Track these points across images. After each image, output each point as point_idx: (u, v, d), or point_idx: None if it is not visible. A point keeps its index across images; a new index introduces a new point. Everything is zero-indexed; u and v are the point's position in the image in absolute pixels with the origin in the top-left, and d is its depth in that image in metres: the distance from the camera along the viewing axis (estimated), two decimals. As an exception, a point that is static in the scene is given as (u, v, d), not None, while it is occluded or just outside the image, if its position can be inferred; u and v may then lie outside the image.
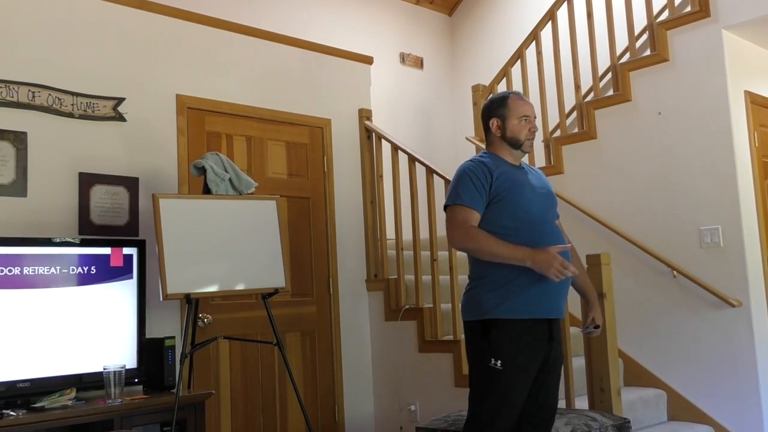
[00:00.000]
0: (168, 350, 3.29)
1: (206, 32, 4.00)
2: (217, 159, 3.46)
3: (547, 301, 2.54)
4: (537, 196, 2.65)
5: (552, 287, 2.52)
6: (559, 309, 2.61)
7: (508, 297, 2.51)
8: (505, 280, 2.52)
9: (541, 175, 2.82)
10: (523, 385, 2.51)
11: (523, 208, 2.58)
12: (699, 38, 4.23)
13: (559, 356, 2.68)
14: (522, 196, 2.60)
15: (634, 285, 4.31)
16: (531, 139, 2.69)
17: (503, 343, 2.49)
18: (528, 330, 2.51)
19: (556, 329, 2.62)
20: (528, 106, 2.71)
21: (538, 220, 2.60)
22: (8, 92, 3.25)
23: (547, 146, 4.96)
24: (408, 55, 6.32)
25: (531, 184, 2.68)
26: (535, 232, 2.56)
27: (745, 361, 3.92)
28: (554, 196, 2.78)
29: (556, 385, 2.65)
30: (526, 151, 2.73)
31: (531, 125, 2.68)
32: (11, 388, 2.92)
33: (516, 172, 2.68)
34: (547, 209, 2.68)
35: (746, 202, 4.07)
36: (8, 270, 2.97)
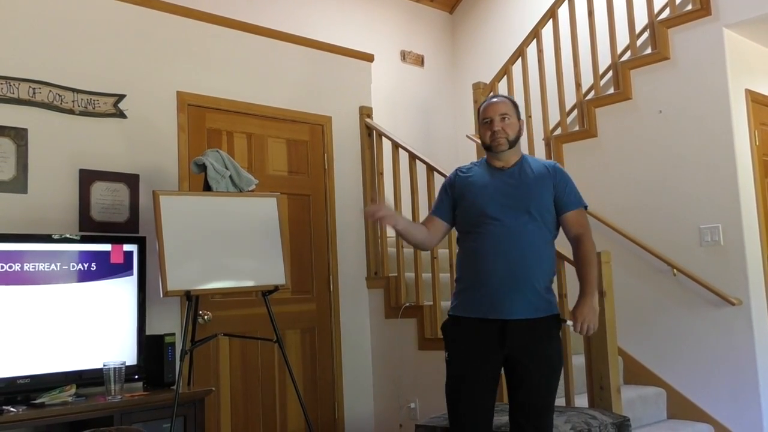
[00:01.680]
0: (168, 347, 3.29)
1: (207, 29, 4.00)
2: (217, 156, 3.46)
3: (490, 302, 2.60)
4: (500, 197, 2.67)
5: (493, 288, 2.60)
6: (507, 311, 2.58)
7: (459, 296, 2.72)
8: (461, 279, 2.74)
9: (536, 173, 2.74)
10: (471, 379, 2.62)
11: (477, 212, 2.69)
12: (700, 36, 4.23)
13: (540, 356, 2.61)
14: (476, 200, 2.71)
15: (634, 283, 4.31)
16: (496, 140, 2.71)
17: (450, 338, 2.71)
18: (472, 328, 2.63)
19: (516, 330, 2.58)
20: (491, 109, 2.75)
21: (493, 222, 2.64)
22: (9, 88, 3.25)
23: (548, 144, 4.96)
24: (409, 52, 6.31)
25: (498, 186, 2.70)
26: (489, 233, 2.64)
27: (745, 359, 3.92)
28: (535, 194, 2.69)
29: (539, 383, 2.60)
30: (498, 151, 2.73)
31: (492, 126, 2.71)
32: (11, 384, 2.92)
33: (490, 176, 2.74)
34: (511, 209, 2.65)
35: (746, 201, 4.07)
36: (8, 266, 2.97)
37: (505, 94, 2.85)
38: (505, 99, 2.82)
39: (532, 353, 2.60)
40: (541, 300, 2.63)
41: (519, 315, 2.59)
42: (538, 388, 2.61)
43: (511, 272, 2.59)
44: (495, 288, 2.60)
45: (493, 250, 2.62)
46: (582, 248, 2.74)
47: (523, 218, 2.64)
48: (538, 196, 2.69)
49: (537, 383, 2.60)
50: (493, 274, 2.61)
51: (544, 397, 2.62)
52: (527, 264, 2.61)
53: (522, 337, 2.58)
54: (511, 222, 2.63)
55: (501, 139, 2.70)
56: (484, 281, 2.62)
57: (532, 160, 2.83)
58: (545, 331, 2.65)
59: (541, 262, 2.65)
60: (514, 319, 2.58)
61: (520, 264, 2.60)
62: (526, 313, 2.60)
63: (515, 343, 2.58)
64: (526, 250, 2.61)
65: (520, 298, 2.59)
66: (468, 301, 2.67)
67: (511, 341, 2.58)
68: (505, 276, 2.59)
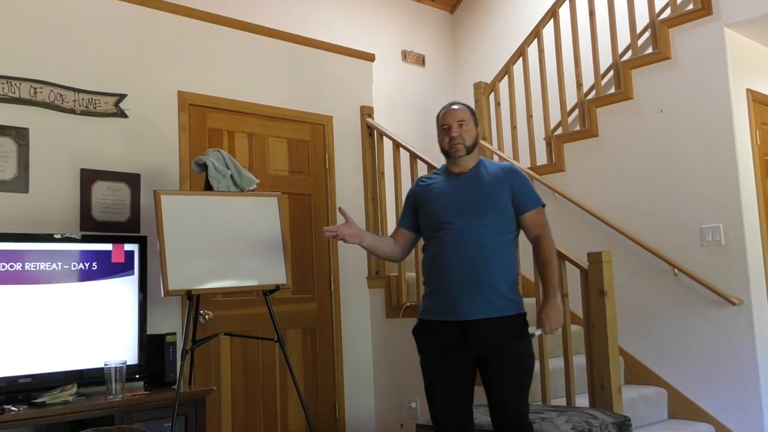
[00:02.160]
0: (169, 346, 3.29)
1: (208, 29, 4.00)
2: (218, 155, 3.46)
3: (450, 305, 2.65)
4: (455, 202, 2.74)
5: (452, 290, 2.65)
6: (466, 312, 2.61)
7: (424, 300, 2.79)
8: (425, 284, 2.81)
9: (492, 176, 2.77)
10: (440, 379, 2.68)
11: (435, 218, 2.76)
12: (701, 36, 4.22)
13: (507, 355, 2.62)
14: (434, 207, 2.78)
15: (635, 283, 4.31)
16: (453, 147, 2.77)
17: (419, 341, 2.77)
18: (434, 330, 2.70)
19: (479, 330, 2.60)
20: (449, 116, 2.81)
21: (450, 227, 2.70)
22: (10, 88, 3.25)
23: (549, 144, 4.96)
24: (410, 52, 6.31)
25: (454, 192, 2.76)
26: (447, 238, 2.70)
27: (746, 359, 3.92)
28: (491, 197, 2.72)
29: (509, 382, 2.62)
30: (455, 157, 2.79)
31: (450, 132, 2.78)
32: (12, 384, 2.92)
33: (448, 182, 2.81)
34: (467, 213, 2.69)
35: (748, 201, 4.07)
36: (10, 266, 2.97)
37: (464, 102, 2.89)
38: (464, 106, 2.86)
39: (499, 352, 2.62)
40: (503, 300, 2.65)
41: (479, 315, 2.62)
42: (509, 386, 2.63)
43: (468, 274, 2.64)
44: (454, 290, 2.65)
45: (450, 253, 2.68)
46: (541, 249, 2.76)
47: (480, 221, 2.68)
48: (494, 197, 2.74)
49: (507, 382, 2.62)
50: (452, 277, 2.66)
51: (516, 395, 2.63)
52: (484, 265, 2.64)
53: (486, 336, 2.61)
54: (467, 225, 2.68)
55: (458, 145, 2.77)
56: (444, 284, 2.68)
57: (489, 163, 2.87)
58: (511, 330, 2.65)
59: (500, 263, 2.67)
60: (475, 320, 2.62)
61: (477, 266, 2.64)
62: (486, 312, 2.62)
63: (480, 343, 2.62)
64: (482, 252, 2.65)
65: (480, 299, 2.62)
66: (432, 305, 2.73)
67: (474, 341, 2.62)
68: (464, 278, 2.64)
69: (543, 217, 2.81)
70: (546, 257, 2.75)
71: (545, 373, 3.53)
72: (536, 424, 2.84)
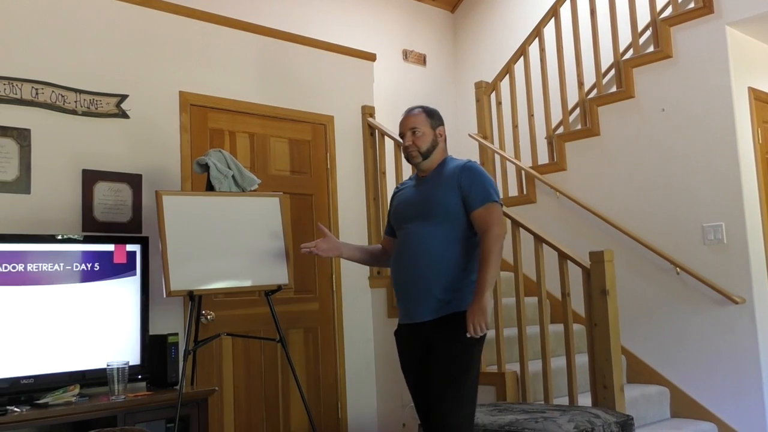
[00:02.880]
0: (171, 347, 3.29)
1: (209, 29, 4.00)
2: (220, 156, 3.46)
3: (404, 307, 2.77)
4: (409, 206, 2.81)
5: (403, 294, 2.76)
6: (414, 314, 2.70)
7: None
8: None
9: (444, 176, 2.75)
10: (413, 380, 2.76)
11: (396, 224, 2.86)
12: (702, 34, 4.22)
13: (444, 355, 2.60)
14: (395, 213, 2.88)
15: (637, 282, 4.30)
16: (408, 154, 2.82)
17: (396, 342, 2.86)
18: (401, 334, 2.82)
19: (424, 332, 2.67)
20: (403, 123, 2.84)
21: (402, 230, 2.80)
22: (12, 89, 3.25)
23: (550, 143, 4.96)
24: (411, 51, 6.31)
25: (410, 195, 2.84)
26: (399, 243, 2.81)
27: (749, 357, 3.91)
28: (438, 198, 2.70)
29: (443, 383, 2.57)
30: (413, 163, 2.84)
31: (404, 141, 2.82)
32: (15, 384, 2.92)
33: (412, 185, 2.88)
34: (417, 215, 2.74)
35: (750, 199, 4.06)
36: (12, 267, 2.97)
37: (421, 105, 2.87)
38: (420, 110, 2.84)
39: (437, 353, 2.64)
40: (441, 303, 2.65)
41: (424, 317, 2.68)
42: (442, 387, 2.57)
43: (411, 278, 2.71)
44: (402, 294, 2.77)
45: (399, 258, 2.78)
46: (480, 246, 2.65)
47: (427, 225, 2.71)
48: (441, 199, 2.71)
49: (437, 384, 2.58)
50: (401, 281, 2.76)
51: (444, 398, 2.55)
52: (425, 269, 2.67)
53: (428, 338, 2.66)
54: (414, 230, 2.74)
55: (413, 152, 2.80)
56: (397, 289, 2.80)
57: (450, 162, 2.82)
58: (450, 330, 2.61)
59: (445, 265, 2.65)
60: (423, 322, 2.68)
61: (418, 269, 2.68)
62: (429, 314, 2.67)
63: (424, 344, 2.68)
64: (423, 257, 2.68)
65: (422, 301, 2.68)
66: (399, 308, 2.83)
67: (420, 342, 2.69)
68: (407, 282, 2.73)
69: (492, 213, 2.66)
70: (482, 254, 2.62)
71: (548, 372, 3.53)
72: (539, 424, 2.84)
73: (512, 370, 3.68)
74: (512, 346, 3.83)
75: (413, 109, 2.86)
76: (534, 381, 3.65)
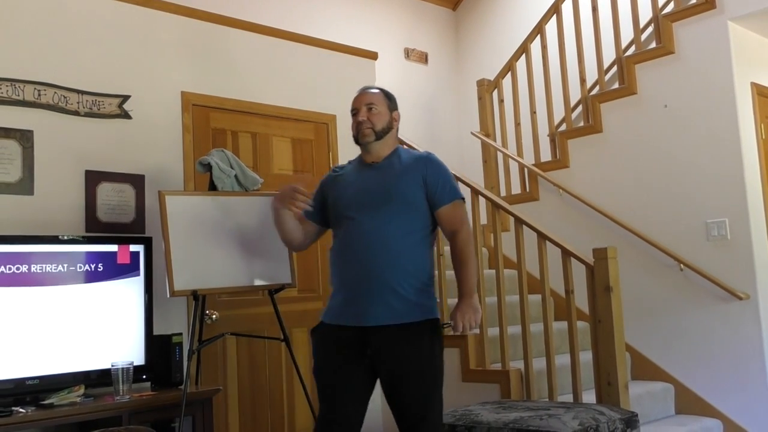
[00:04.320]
0: (175, 347, 3.30)
1: (210, 29, 4.00)
2: (222, 155, 3.46)
3: (348, 308, 2.47)
4: (362, 194, 2.54)
5: (351, 293, 2.47)
6: (364, 317, 2.43)
7: (329, 301, 2.60)
8: (331, 283, 2.61)
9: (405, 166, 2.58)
10: (332, 387, 2.49)
11: (339, 212, 2.58)
12: (705, 30, 4.21)
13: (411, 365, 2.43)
14: (340, 199, 2.60)
15: (640, 279, 4.30)
16: (360, 131, 2.60)
17: (314, 345, 2.59)
18: (331, 335, 2.52)
19: (379, 338, 2.42)
20: (357, 100, 2.67)
21: (351, 222, 2.51)
22: (14, 91, 3.26)
23: (553, 140, 4.96)
24: (412, 50, 6.31)
25: (362, 183, 2.57)
26: (347, 235, 2.52)
27: (753, 353, 3.91)
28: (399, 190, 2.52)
29: (413, 393, 2.44)
30: (364, 143, 2.61)
31: (357, 116, 2.61)
32: (20, 385, 2.93)
33: (357, 172, 2.64)
34: (372, 207, 2.50)
35: (753, 195, 4.06)
36: (16, 268, 2.98)
37: (380, 87, 2.74)
38: (379, 91, 2.69)
39: (401, 361, 2.43)
40: (407, 304, 2.44)
41: (377, 321, 2.42)
42: (412, 397, 2.44)
43: (366, 276, 2.43)
44: (352, 293, 2.47)
45: (350, 252, 2.49)
46: (456, 246, 2.53)
47: (384, 216, 2.47)
48: (402, 190, 2.51)
49: (411, 393, 2.44)
50: (349, 278, 2.48)
51: (421, 407, 2.44)
52: (385, 266, 2.43)
53: (386, 344, 2.42)
54: (368, 221, 2.47)
55: (366, 129, 2.58)
56: (342, 286, 2.51)
57: (404, 152, 2.65)
58: (416, 338, 2.44)
59: (404, 263, 2.45)
60: (375, 326, 2.42)
61: (377, 266, 2.43)
62: (384, 319, 2.42)
63: (379, 351, 2.43)
64: (384, 252, 2.43)
65: (379, 303, 2.42)
66: (331, 307, 2.55)
67: (373, 349, 2.43)
68: (361, 280, 2.44)
69: (460, 211, 2.57)
70: (461, 255, 2.52)
71: (552, 369, 3.53)
72: (543, 421, 2.84)
73: (516, 368, 3.68)
74: (516, 344, 3.83)
75: (370, 88, 2.70)
76: (538, 378, 3.65)
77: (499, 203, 3.91)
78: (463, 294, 2.48)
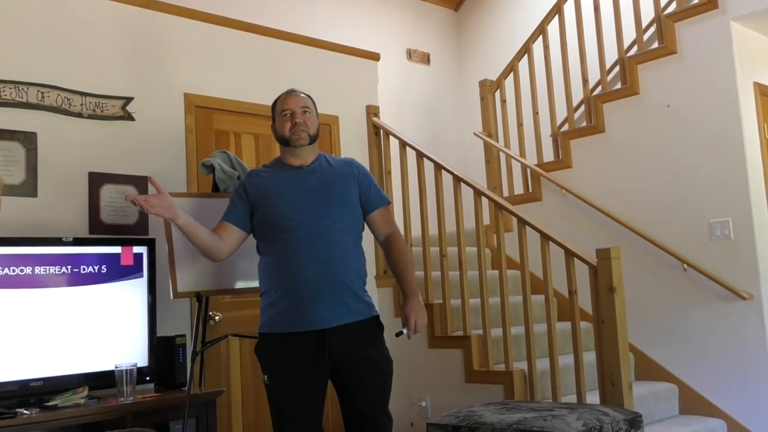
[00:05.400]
0: (179, 348, 3.30)
1: (213, 30, 4.01)
2: (225, 157, 3.46)
3: (303, 313, 2.47)
4: (303, 197, 2.55)
5: (305, 297, 2.46)
6: (322, 320, 2.45)
7: (267, 311, 2.57)
8: (267, 293, 2.58)
9: (338, 170, 2.65)
10: (295, 398, 2.49)
11: (279, 217, 2.54)
12: (707, 30, 4.21)
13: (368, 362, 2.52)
14: (277, 201, 2.55)
15: (644, 279, 4.30)
16: (297, 133, 2.60)
17: (266, 359, 2.55)
18: (282, 346, 2.50)
19: (336, 339, 2.46)
20: (290, 100, 2.66)
21: (297, 226, 2.50)
22: (18, 93, 3.26)
23: (555, 140, 4.96)
24: (414, 51, 6.31)
25: (300, 186, 2.57)
26: (295, 238, 2.49)
27: (757, 353, 3.90)
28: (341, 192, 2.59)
29: (371, 391, 2.52)
30: (296, 145, 2.62)
31: (294, 118, 2.61)
32: (24, 387, 2.93)
33: (288, 176, 2.62)
34: (316, 209, 2.53)
35: (757, 194, 4.05)
36: (20, 270, 2.98)
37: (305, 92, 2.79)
38: (306, 95, 2.73)
39: (359, 360, 2.50)
40: (359, 302, 2.53)
41: (336, 322, 2.46)
42: (370, 396, 2.52)
43: (323, 277, 2.46)
44: (307, 296, 2.46)
45: (301, 255, 2.47)
46: (396, 248, 2.64)
47: (330, 218, 2.52)
48: (344, 194, 2.59)
49: (369, 391, 2.52)
50: (304, 282, 2.46)
51: (379, 404, 2.53)
52: (340, 266, 2.48)
53: (344, 344, 2.47)
54: (317, 223, 2.50)
55: (302, 132, 2.60)
56: (295, 290, 2.47)
57: (329, 157, 2.72)
58: (370, 335, 2.54)
59: (353, 263, 2.54)
60: (332, 328, 2.46)
61: (333, 266, 2.47)
62: (343, 318, 2.47)
63: (338, 352, 2.47)
64: (337, 252, 2.49)
65: (337, 303, 2.47)
66: (279, 315, 2.51)
67: (332, 351, 2.46)
68: (318, 281, 2.46)
69: (391, 215, 2.70)
70: (403, 255, 2.63)
71: (555, 370, 3.53)
72: (547, 422, 2.83)
73: (520, 369, 3.68)
74: (519, 345, 3.82)
75: (298, 91, 2.72)
76: (542, 379, 3.65)
77: (501, 204, 3.91)
78: (410, 293, 2.59)
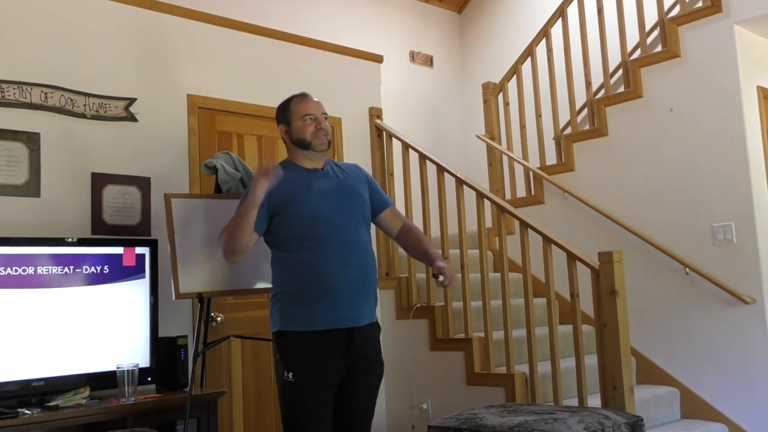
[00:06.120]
0: (180, 349, 3.30)
1: (216, 32, 4.01)
2: (228, 158, 3.46)
3: (340, 311, 2.52)
4: (329, 199, 2.60)
5: (344, 295, 2.52)
6: (356, 318, 2.54)
7: (292, 309, 2.55)
8: (293, 293, 2.56)
9: (351, 174, 2.76)
10: (321, 394, 2.51)
11: (309, 215, 2.56)
12: (710, 34, 4.21)
13: (376, 362, 2.64)
14: (305, 203, 2.57)
15: (646, 282, 4.29)
16: (320, 138, 2.64)
17: (293, 356, 2.52)
18: (317, 341, 2.51)
19: (361, 337, 2.55)
20: (311, 105, 2.71)
21: (329, 225, 2.55)
22: (21, 93, 3.27)
23: (558, 144, 4.96)
24: (418, 53, 6.32)
25: (323, 188, 2.62)
26: (328, 239, 2.54)
27: (759, 357, 3.90)
28: (360, 196, 2.70)
29: (365, 396, 2.60)
30: (318, 150, 2.66)
31: (317, 123, 2.65)
32: (26, 387, 2.93)
33: (307, 177, 2.65)
34: (343, 212, 2.60)
35: (759, 198, 4.05)
36: (22, 270, 2.99)
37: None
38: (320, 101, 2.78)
39: (372, 361, 2.61)
40: (375, 304, 2.67)
41: (364, 320, 2.57)
42: (367, 396, 2.62)
43: (357, 278, 2.55)
44: (345, 296, 2.52)
45: (337, 256, 2.53)
46: (411, 230, 2.83)
47: (355, 221, 2.62)
48: (362, 197, 2.70)
49: (368, 393, 2.63)
50: (343, 281, 2.52)
51: (371, 407, 2.64)
52: (369, 268, 2.61)
53: (364, 343, 2.57)
54: (346, 226, 2.58)
55: (325, 138, 2.66)
56: (332, 290, 2.51)
57: (336, 162, 2.82)
58: (378, 337, 2.68)
59: (375, 265, 2.67)
60: (360, 327, 2.56)
61: (364, 268, 2.58)
62: (367, 318, 2.59)
63: (359, 350, 2.55)
64: (366, 253, 2.61)
65: (366, 303, 2.59)
66: (320, 313, 2.52)
67: (356, 349, 2.54)
68: (354, 282, 2.54)
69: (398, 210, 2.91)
70: (419, 233, 2.82)
71: (557, 373, 3.52)
72: (548, 425, 2.83)
73: (521, 372, 3.68)
74: (521, 348, 3.82)
75: (313, 96, 2.78)
76: (543, 382, 3.65)
77: (504, 206, 3.91)
78: (437, 256, 2.71)
